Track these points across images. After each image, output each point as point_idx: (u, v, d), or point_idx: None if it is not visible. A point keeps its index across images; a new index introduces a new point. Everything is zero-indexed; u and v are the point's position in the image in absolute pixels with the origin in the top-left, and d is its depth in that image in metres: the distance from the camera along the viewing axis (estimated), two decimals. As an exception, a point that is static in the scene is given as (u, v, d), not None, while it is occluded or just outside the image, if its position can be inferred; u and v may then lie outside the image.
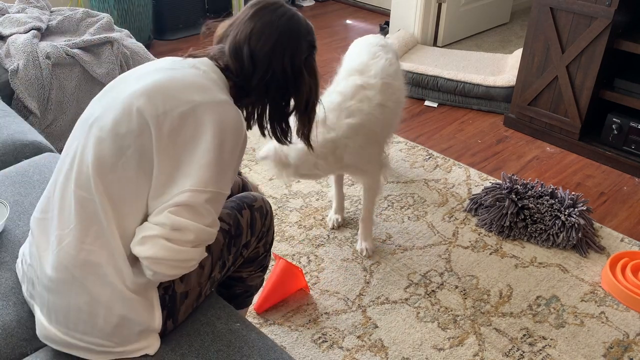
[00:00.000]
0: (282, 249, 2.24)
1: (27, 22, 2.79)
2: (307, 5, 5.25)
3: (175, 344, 1.23)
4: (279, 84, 1.27)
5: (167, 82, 1.15)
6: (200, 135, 1.10)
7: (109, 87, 1.23)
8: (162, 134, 1.09)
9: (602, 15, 2.61)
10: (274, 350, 1.23)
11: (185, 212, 1.07)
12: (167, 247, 1.06)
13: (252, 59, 1.23)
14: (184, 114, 1.11)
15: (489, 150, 2.99)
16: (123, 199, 1.10)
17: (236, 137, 1.14)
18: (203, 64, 1.23)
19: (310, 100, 1.35)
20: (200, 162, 1.09)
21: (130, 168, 1.10)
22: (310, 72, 1.32)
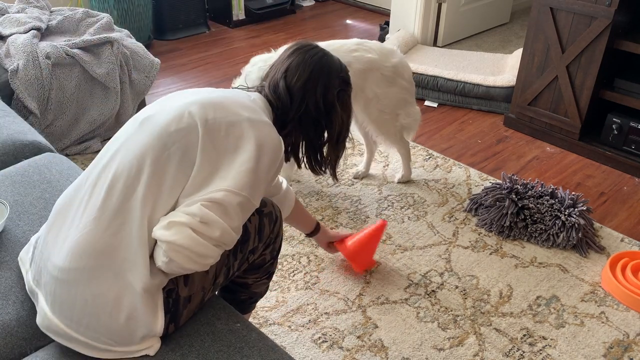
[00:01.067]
0: (282, 249, 2.23)
1: (27, 22, 2.79)
2: (307, 5, 5.25)
3: (176, 344, 1.23)
4: (313, 116, 1.40)
5: (220, 98, 1.25)
6: (242, 145, 1.18)
7: (163, 98, 1.32)
8: (207, 136, 1.17)
9: (602, 15, 2.61)
10: (274, 351, 1.23)
11: (217, 209, 1.11)
12: (192, 236, 1.08)
13: (289, 93, 1.37)
14: (231, 123, 1.20)
15: (489, 150, 2.99)
16: (160, 193, 1.14)
17: (274, 157, 1.23)
18: (253, 93, 1.38)
19: (342, 133, 1.48)
20: (239, 168, 1.16)
21: (172, 164, 1.15)
22: (343, 107, 1.46)
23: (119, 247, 1.12)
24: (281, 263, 2.16)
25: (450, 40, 4.19)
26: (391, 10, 4.16)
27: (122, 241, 1.12)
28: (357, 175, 2.72)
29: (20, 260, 1.34)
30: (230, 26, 4.68)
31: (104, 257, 1.11)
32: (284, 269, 2.14)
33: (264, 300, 1.98)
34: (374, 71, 2.29)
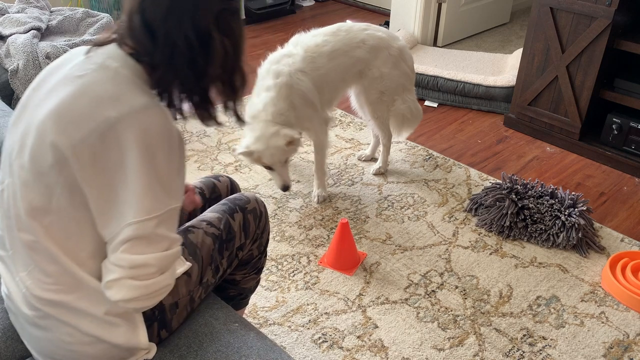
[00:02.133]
0: (282, 249, 2.23)
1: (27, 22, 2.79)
2: (307, 5, 5.25)
3: (174, 345, 1.23)
4: (186, 55, 1.04)
5: (75, 100, 1.01)
6: (126, 157, 0.98)
7: (21, 107, 1.11)
8: (83, 164, 0.99)
9: (602, 15, 2.61)
10: (272, 350, 1.23)
11: (137, 246, 1.00)
12: (134, 285, 1.01)
13: (149, 30, 1.03)
14: (103, 136, 0.98)
15: (489, 150, 2.99)
16: (69, 237, 1.05)
17: (167, 143, 1.02)
18: (112, 58, 1.05)
19: (228, 65, 1.11)
20: (135, 189, 0.99)
21: (64, 206, 1.03)
22: (227, 32, 1.08)
23: (67, 292, 1.07)
24: (281, 263, 2.16)
25: (450, 40, 4.19)
26: (391, 10, 4.15)
27: (68, 286, 1.07)
28: (361, 157, 2.85)
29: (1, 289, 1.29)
30: (230, 26, 4.67)
31: (59, 305, 1.07)
32: (284, 269, 2.14)
33: (264, 300, 1.98)
34: (383, 50, 2.43)
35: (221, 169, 2.74)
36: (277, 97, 2.18)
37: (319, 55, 2.31)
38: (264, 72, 2.26)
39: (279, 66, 2.23)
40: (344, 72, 2.39)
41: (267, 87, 2.21)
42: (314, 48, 2.31)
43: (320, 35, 2.36)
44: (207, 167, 2.76)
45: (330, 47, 2.33)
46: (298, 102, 2.24)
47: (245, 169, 2.75)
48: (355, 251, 2.15)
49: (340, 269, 2.11)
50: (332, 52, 2.33)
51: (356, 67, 2.41)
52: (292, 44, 2.34)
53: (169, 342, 1.23)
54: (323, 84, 2.34)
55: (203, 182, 1.54)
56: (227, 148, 2.91)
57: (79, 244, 1.05)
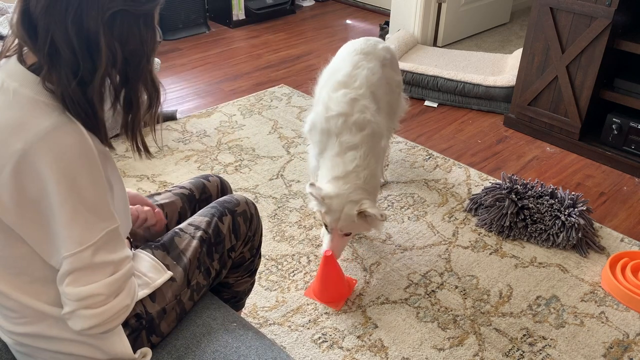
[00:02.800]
0: (282, 249, 2.23)
1: (27, 22, 2.79)
2: (307, 5, 5.25)
3: (172, 346, 1.22)
4: (66, 54, 0.90)
5: None
6: (44, 189, 0.91)
7: None
8: (5, 207, 0.93)
9: (602, 15, 2.61)
10: (271, 350, 1.23)
11: (80, 278, 0.96)
12: (89, 315, 0.97)
13: (29, 23, 0.90)
14: (15, 171, 0.90)
15: (489, 150, 2.99)
16: (18, 273, 1.02)
17: (86, 162, 0.93)
18: (10, 77, 0.94)
19: (127, 74, 0.97)
20: (62, 221, 0.92)
21: (2, 247, 0.99)
22: (122, 38, 0.93)
23: (36, 323, 1.06)
24: (281, 263, 2.16)
25: (450, 40, 4.19)
26: (391, 10, 4.16)
27: (34, 318, 1.05)
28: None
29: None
30: (231, 26, 4.68)
31: (34, 336, 1.07)
32: (284, 269, 2.14)
33: (264, 300, 1.99)
34: (394, 59, 2.37)
35: (221, 169, 2.74)
36: (367, 153, 1.94)
37: (376, 87, 2.13)
38: (339, 125, 1.96)
39: (359, 115, 1.97)
40: (386, 95, 2.25)
41: (352, 144, 1.94)
42: (371, 79, 2.11)
43: (363, 64, 2.14)
44: (207, 167, 2.76)
45: (378, 74, 2.17)
46: (379, 149, 2.04)
47: (245, 169, 2.75)
48: (343, 283, 1.99)
49: (327, 302, 1.98)
50: (380, 79, 2.17)
51: (388, 85, 2.27)
52: (342, 84, 2.05)
53: (166, 343, 1.23)
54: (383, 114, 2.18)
55: (192, 183, 1.53)
56: (227, 148, 2.92)
57: (31, 278, 1.02)
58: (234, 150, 2.90)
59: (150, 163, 2.76)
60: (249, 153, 2.88)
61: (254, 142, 2.97)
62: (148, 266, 1.21)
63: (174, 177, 2.66)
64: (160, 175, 2.68)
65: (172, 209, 1.44)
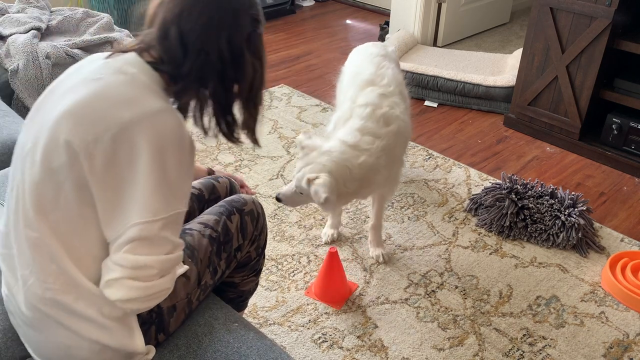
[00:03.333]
0: (282, 249, 2.24)
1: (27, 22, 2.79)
2: (307, 5, 5.25)
3: (173, 345, 1.23)
4: (216, 69, 1.10)
5: (91, 100, 1.03)
6: (137, 159, 1.00)
7: (37, 106, 1.13)
8: (94, 164, 1.00)
9: (602, 15, 2.61)
10: (272, 350, 1.23)
11: (141, 247, 1.01)
12: (134, 286, 1.02)
13: (183, 43, 1.06)
14: (116, 137, 1.00)
15: (489, 150, 2.99)
16: (74, 234, 1.05)
17: (179, 148, 1.04)
18: (131, 64, 1.08)
19: (255, 85, 1.17)
20: (143, 190, 1.00)
21: (72, 203, 1.04)
22: (254, 52, 1.14)
23: (65, 292, 1.07)
24: (281, 263, 2.17)
25: (450, 40, 4.19)
26: (391, 10, 4.15)
27: (66, 285, 1.07)
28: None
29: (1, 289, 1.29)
30: (231, 26, 4.67)
31: (57, 304, 1.08)
32: (284, 269, 2.14)
33: (264, 300, 1.99)
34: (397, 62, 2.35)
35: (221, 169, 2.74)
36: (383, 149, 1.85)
37: (403, 86, 2.11)
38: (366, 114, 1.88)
39: (388, 109, 1.90)
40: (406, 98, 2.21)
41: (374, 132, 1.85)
42: (398, 78, 2.09)
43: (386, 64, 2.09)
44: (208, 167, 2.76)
45: (401, 75, 2.15)
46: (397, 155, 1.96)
47: (245, 169, 2.75)
48: (345, 283, 2.01)
49: (327, 302, 1.97)
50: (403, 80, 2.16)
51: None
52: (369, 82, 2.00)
53: (168, 342, 1.23)
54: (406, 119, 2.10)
55: (202, 183, 1.54)
56: (227, 148, 2.91)
57: (82, 244, 1.06)
58: (234, 150, 2.90)
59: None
60: (249, 153, 2.88)
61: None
62: None
63: (174, 177, 2.66)
64: (160, 175, 2.67)
65: None
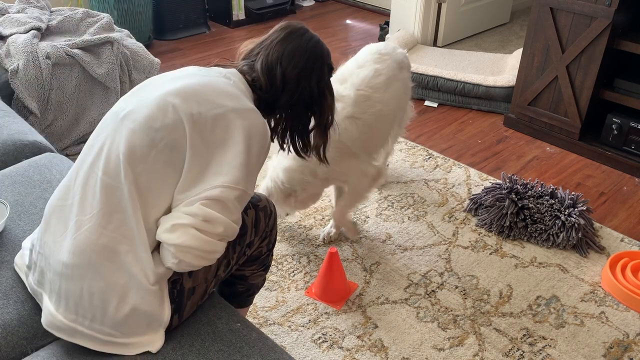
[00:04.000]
0: (282, 249, 2.24)
1: (27, 22, 2.79)
2: (307, 5, 5.25)
3: (176, 343, 1.23)
4: (305, 102, 1.40)
5: (200, 87, 1.22)
6: (230, 137, 1.17)
7: (139, 87, 1.27)
8: (195, 132, 1.15)
9: (602, 15, 2.61)
10: (274, 350, 1.23)
11: (216, 205, 1.13)
12: (197, 236, 1.11)
13: (284, 79, 1.35)
14: (217, 116, 1.17)
15: (489, 150, 2.99)
16: (150, 190, 1.14)
17: (262, 142, 1.23)
18: (232, 75, 1.31)
19: (330, 117, 1.49)
20: (232, 162, 1.16)
21: (161, 161, 1.14)
22: (331, 93, 1.48)
23: (121, 242, 1.14)
24: (281, 263, 2.17)
25: (450, 40, 4.19)
26: (391, 10, 4.16)
27: (123, 236, 1.14)
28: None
29: (16, 266, 1.35)
30: (230, 26, 4.68)
31: (107, 252, 1.13)
32: (284, 269, 2.14)
33: (264, 300, 1.99)
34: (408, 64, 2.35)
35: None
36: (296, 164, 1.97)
37: (375, 89, 2.06)
38: None
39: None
40: (399, 99, 2.20)
41: None
42: (368, 82, 2.05)
43: (368, 65, 2.11)
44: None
45: (385, 76, 2.09)
46: (335, 155, 1.93)
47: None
48: (345, 283, 2.01)
49: (327, 301, 1.98)
50: (387, 81, 2.10)
51: (403, 88, 2.23)
52: (337, 81, 2.05)
53: (171, 340, 1.23)
54: (377, 124, 2.08)
55: None
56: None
57: (154, 201, 1.15)
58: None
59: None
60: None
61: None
62: None
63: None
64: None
65: None
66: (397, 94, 2.18)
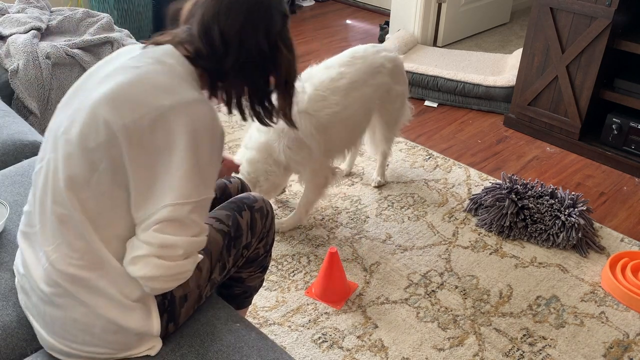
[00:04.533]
0: (282, 249, 2.24)
1: (27, 22, 2.79)
2: (307, 5, 5.25)
3: (175, 344, 1.23)
4: (256, 62, 1.18)
5: (132, 86, 1.08)
6: (173, 143, 1.05)
7: (74, 90, 1.18)
8: (132, 145, 1.04)
9: (602, 15, 2.61)
10: (273, 350, 1.23)
11: (170, 227, 1.05)
12: (159, 264, 1.05)
13: (224, 40, 1.13)
14: (153, 121, 1.05)
15: (489, 150, 2.99)
16: (102, 213, 1.08)
17: (211, 137, 1.10)
18: (168, 56, 1.14)
19: (290, 75, 1.26)
20: (177, 173, 1.05)
21: (105, 183, 1.07)
22: (287, 45, 1.22)
23: (90, 269, 1.10)
24: (281, 263, 2.17)
25: (450, 40, 4.19)
26: (391, 10, 4.15)
27: (91, 263, 1.10)
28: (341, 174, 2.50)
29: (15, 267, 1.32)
30: (230, 26, 4.67)
31: (80, 280, 1.10)
32: (284, 269, 2.14)
33: (264, 300, 1.99)
34: (398, 67, 2.36)
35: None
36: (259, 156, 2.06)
37: (333, 91, 2.08)
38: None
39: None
40: (367, 103, 2.20)
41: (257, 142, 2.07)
42: (328, 84, 2.08)
43: (335, 67, 2.13)
44: (207, 167, 2.76)
45: (348, 79, 2.11)
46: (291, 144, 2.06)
47: (246, 169, 2.75)
48: (345, 282, 2.01)
49: (327, 301, 1.98)
50: (351, 85, 2.11)
51: (378, 93, 2.24)
52: (303, 79, 2.08)
53: (170, 340, 1.23)
54: (334, 125, 2.11)
55: None
56: (227, 148, 2.91)
57: (110, 223, 1.10)
58: (234, 150, 2.90)
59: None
60: (249, 153, 2.88)
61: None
62: None
63: (174, 177, 2.66)
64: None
65: None
66: (364, 99, 2.18)
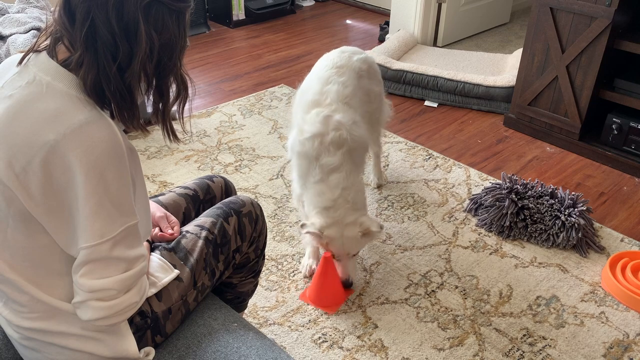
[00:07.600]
0: (282, 249, 2.23)
1: (27, 22, 2.79)
2: (307, 5, 5.25)
3: (173, 346, 1.23)
4: (108, 41, 0.93)
5: (10, 125, 0.95)
6: (71, 180, 0.93)
7: None
8: (31, 194, 0.94)
9: (602, 15, 2.61)
10: (272, 350, 1.23)
11: (94, 270, 0.98)
12: (99, 306, 0.99)
13: (69, 10, 0.93)
14: (45, 161, 0.92)
15: (489, 150, 2.99)
16: (34, 265, 1.03)
17: (115, 157, 0.95)
18: (44, 71, 0.97)
19: (161, 63, 1.00)
20: (84, 213, 0.94)
21: (21, 238, 1.00)
22: (157, 27, 0.96)
23: (44, 319, 1.07)
24: (281, 263, 2.17)
25: (450, 40, 4.19)
26: (391, 10, 4.16)
27: (43, 313, 1.07)
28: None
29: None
30: (230, 26, 4.68)
31: (40, 330, 1.08)
32: (284, 269, 2.14)
33: (264, 300, 1.99)
34: (372, 68, 2.33)
35: (221, 169, 2.75)
36: (349, 172, 1.91)
37: (351, 97, 2.06)
38: (316, 147, 1.89)
39: (334, 134, 1.90)
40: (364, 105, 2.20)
41: (333, 167, 1.88)
42: (343, 93, 2.04)
43: (334, 79, 2.07)
44: (207, 167, 2.76)
45: (351, 87, 2.09)
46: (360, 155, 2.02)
47: (245, 169, 2.75)
48: (339, 288, 1.98)
49: (321, 306, 1.96)
50: (354, 91, 2.11)
51: (365, 95, 2.22)
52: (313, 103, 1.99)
53: (167, 343, 1.23)
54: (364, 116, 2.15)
55: (196, 184, 1.53)
56: (227, 148, 2.92)
57: (47, 270, 1.04)
58: (234, 150, 2.90)
59: (150, 163, 2.76)
60: (249, 153, 2.88)
61: (254, 142, 2.97)
62: (156, 266, 1.22)
63: (174, 177, 2.66)
64: (160, 175, 2.68)
65: (176, 210, 1.45)
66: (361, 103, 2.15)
